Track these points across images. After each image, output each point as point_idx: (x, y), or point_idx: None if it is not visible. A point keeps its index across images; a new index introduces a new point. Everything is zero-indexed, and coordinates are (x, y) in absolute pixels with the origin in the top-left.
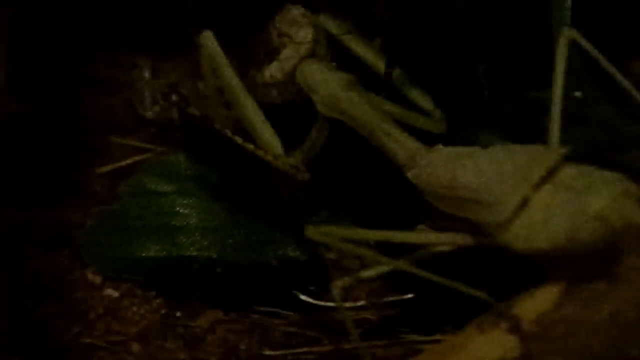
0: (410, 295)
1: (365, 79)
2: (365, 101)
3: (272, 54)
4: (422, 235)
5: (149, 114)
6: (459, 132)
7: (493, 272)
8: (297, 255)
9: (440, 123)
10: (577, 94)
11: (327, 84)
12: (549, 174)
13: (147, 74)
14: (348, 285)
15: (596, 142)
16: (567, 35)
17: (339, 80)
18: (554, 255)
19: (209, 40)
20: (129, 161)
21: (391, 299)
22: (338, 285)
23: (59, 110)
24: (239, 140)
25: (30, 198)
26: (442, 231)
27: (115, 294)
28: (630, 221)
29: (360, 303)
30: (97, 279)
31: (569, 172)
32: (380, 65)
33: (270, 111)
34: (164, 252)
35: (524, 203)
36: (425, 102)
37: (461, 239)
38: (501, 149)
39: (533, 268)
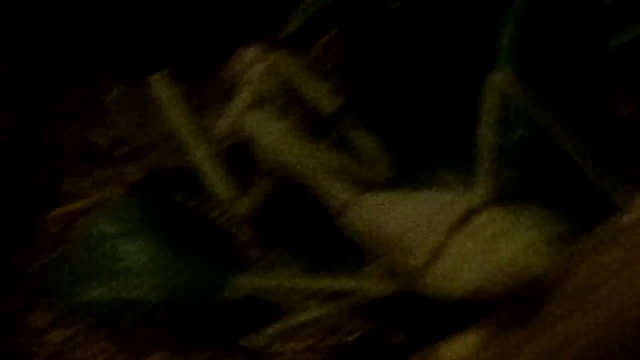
0: (351, 338)
1: (314, 121)
2: (303, 151)
3: (227, 95)
4: (346, 281)
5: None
6: (412, 174)
7: (426, 316)
8: (246, 297)
9: (386, 170)
10: (515, 133)
11: (266, 136)
12: (465, 219)
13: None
14: (287, 328)
15: (528, 182)
16: (496, 78)
17: (278, 132)
18: (470, 302)
19: (160, 81)
20: (79, 205)
21: (329, 342)
22: (277, 328)
23: (12, 153)
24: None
25: None
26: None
27: (61, 337)
28: (540, 269)
29: (302, 345)
30: (44, 323)
31: (484, 217)
32: (329, 108)
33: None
34: (112, 295)
35: (439, 249)
36: (373, 149)
37: (386, 285)
38: (424, 194)
39: (460, 313)
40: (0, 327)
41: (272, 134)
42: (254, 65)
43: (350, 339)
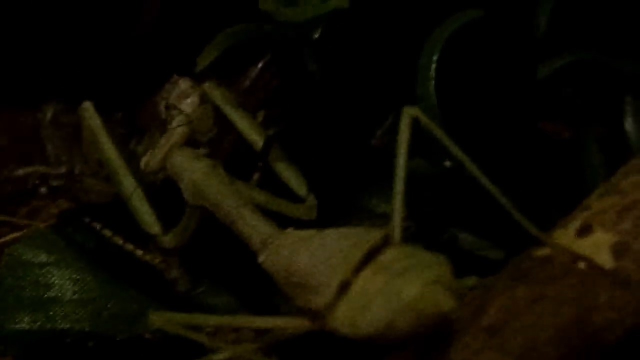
0: None
1: (242, 154)
2: (226, 188)
3: (161, 126)
4: (260, 320)
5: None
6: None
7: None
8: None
9: (310, 210)
10: (447, 163)
11: (191, 174)
12: (371, 257)
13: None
14: None
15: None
16: (410, 113)
17: (202, 170)
18: (379, 341)
19: (89, 110)
20: (8, 238)
21: None
22: None
23: None
24: (108, 234)
25: None
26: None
27: None
28: (447, 305)
29: None
30: None
31: (389, 254)
32: (258, 141)
33: (152, 187)
34: (37, 324)
35: (346, 287)
36: (299, 187)
37: (300, 323)
38: (333, 232)
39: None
40: None
41: (195, 171)
42: (188, 96)
43: None
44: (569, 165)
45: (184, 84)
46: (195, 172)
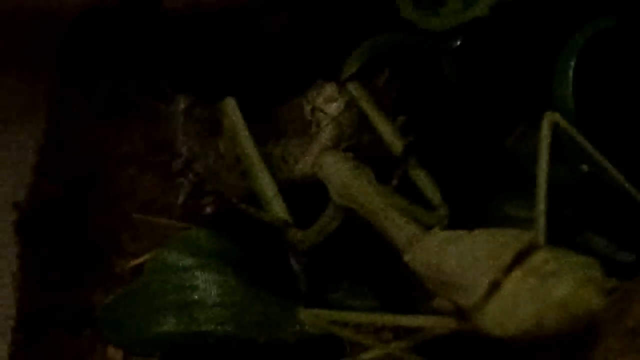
0: None
1: (381, 158)
2: (373, 191)
3: (306, 128)
4: (407, 318)
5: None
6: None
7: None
8: (312, 333)
9: (442, 219)
10: (584, 167)
11: (340, 175)
12: (521, 258)
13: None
14: None
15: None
16: (550, 118)
17: (351, 172)
18: (526, 340)
19: (231, 107)
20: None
21: None
22: None
23: (85, 192)
24: (244, 206)
25: (54, 279)
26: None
27: None
28: (594, 305)
29: None
30: (118, 356)
31: (540, 256)
32: (398, 145)
33: (288, 185)
34: (182, 327)
35: (495, 287)
36: (434, 195)
37: (446, 322)
38: (482, 233)
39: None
40: None
41: (345, 173)
42: (334, 100)
43: None
44: None
45: (330, 88)
46: (344, 173)
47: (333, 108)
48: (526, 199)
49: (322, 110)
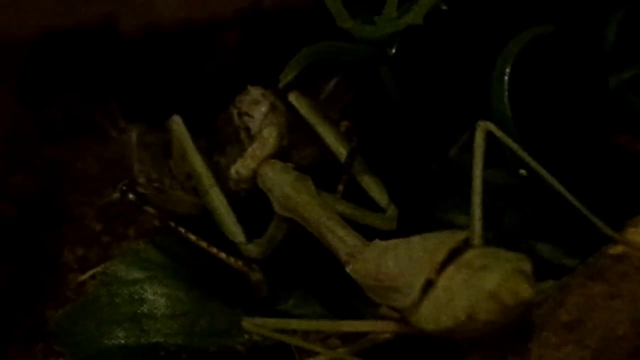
0: None
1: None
2: (315, 201)
3: (234, 134)
4: (348, 324)
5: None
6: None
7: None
8: (262, 341)
9: (391, 221)
10: (522, 172)
11: (281, 187)
12: (453, 256)
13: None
14: None
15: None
16: (483, 127)
17: (292, 184)
18: (461, 334)
19: (177, 124)
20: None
21: None
22: None
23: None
24: (192, 238)
25: (8, 295)
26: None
27: None
28: (521, 299)
29: None
30: None
31: (472, 253)
32: (342, 151)
33: (237, 197)
34: (132, 340)
35: (429, 285)
36: (381, 197)
37: (387, 326)
38: (417, 238)
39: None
40: None
41: (285, 184)
42: (259, 103)
43: None
44: None
45: (254, 91)
46: (285, 185)
47: (259, 111)
48: (469, 206)
49: (247, 114)
